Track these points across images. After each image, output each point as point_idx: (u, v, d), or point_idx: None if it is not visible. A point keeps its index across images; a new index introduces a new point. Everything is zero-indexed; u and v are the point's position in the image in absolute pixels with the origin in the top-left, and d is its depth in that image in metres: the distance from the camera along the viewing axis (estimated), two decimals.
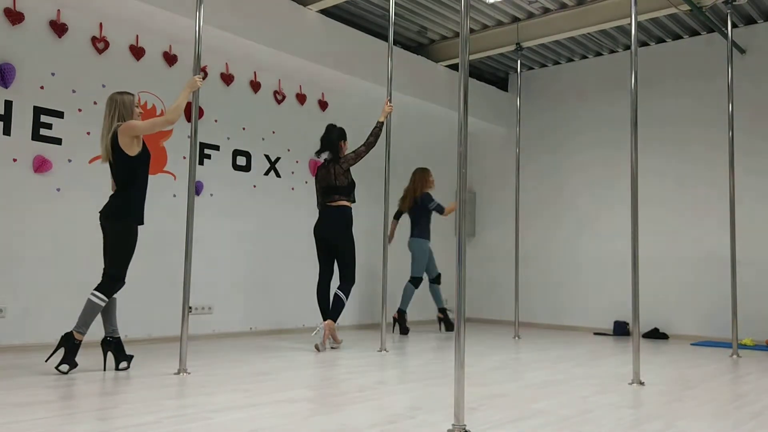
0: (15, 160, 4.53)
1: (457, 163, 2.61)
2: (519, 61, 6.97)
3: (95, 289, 3.68)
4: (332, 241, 5.10)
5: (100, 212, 3.79)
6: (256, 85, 6.08)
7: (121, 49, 5.16)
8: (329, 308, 5.04)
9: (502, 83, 8.56)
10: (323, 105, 6.70)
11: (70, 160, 4.80)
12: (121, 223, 3.75)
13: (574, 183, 7.71)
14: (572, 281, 7.59)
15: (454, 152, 7.93)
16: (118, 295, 3.89)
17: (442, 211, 6.51)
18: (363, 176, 6.60)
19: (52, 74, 4.74)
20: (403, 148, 7.51)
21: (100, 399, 2.96)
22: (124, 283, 3.78)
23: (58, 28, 4.77)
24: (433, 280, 6.69)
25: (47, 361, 3.69)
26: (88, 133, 4.86)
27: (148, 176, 3.91)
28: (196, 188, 5.51)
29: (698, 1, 5.65)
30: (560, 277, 7.69)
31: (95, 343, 4.07)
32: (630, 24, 4.17)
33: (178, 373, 3.66)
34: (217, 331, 5.66)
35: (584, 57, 7.78)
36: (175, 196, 5.42)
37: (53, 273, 4.67)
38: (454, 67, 7.53)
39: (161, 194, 5.31)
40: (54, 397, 2.97)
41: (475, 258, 8.31)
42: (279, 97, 6.28)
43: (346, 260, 5.10)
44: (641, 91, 6.93)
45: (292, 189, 6.36)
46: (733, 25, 6.51)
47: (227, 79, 5.84)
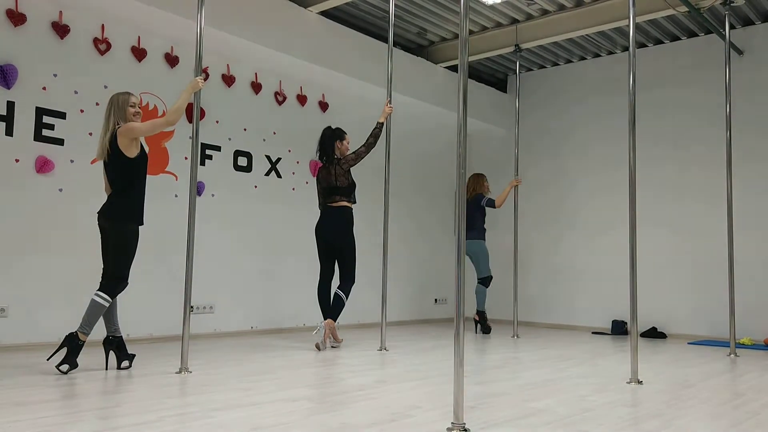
0: (17, 161, 4.55)
1: (456, 163, 2.64)
2: (518, 63, 6.99)
3: (99, 290, 3.71)
4: (333, 241, 5.12)
5: (99, 212, 3.82)
6: (257, 86, 6.11)
7: (123, 51, 5.18)
8: (329, 307, 5.07)
9: (501, 84, 8.59)
10: (324, 106, 6.72)
11: (72, 161, 4.83)
12: (123, 225, 3.77)
13: (573, 183, 7.73)
14: (570, 281, 7.62)
15: (454, 153, 7.96)
16: (119, 295, 3.91)
17: (493, 204, 6.65)
18: (363, 177, 6.62)
19: (54, 75, 4.77)
20: (403, 149, 7.54)
21: (101, 398, 2.98)
22: (127, 283, 3.81)
23: (60, 30, 4.80)
24: (481, 281, 6.74)
25: (49, 360, 3.71)
26: (90, 134, 4.89)
27: (146, 177, 3.94)
28: (198, 189, 5.49)
29: (696, 3, 5.68)
30: (559, 277, 7.71)
31: (97, 343, 4.10)
32: (628, 25, 4.19)
33: (180, 372, 3.68)
34: (219, 331, 5.68)
35: (583, 58, 7.81)
36: (176, 196, 5.45)
37: (55, 273, 4.69)
38: (454, 69, 7.56)
39: (163, 195, 5.33)
40: (56, 396, 2.99)
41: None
42: (280, 98, 6.31)
43: (347, 260, 5.12)
44: (639, 93, 6.94)
45: (293, 189, 6.39)
46: (731, 27, 6.55)
47: (228, 80, 5.86)
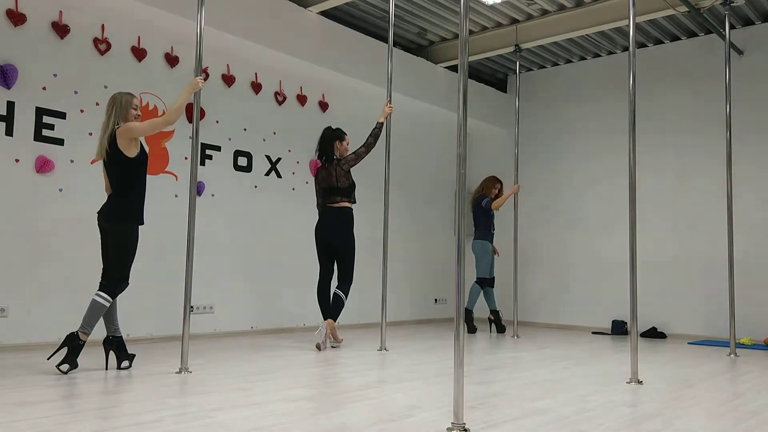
0: (17, 161, 4.55)
1: (456, 163, 2.64)
2: (518, 63, 6.99)
3: (99, 290, 3.71)
4: (333, 242, 5.12)
5: (99, 212, 3.82)
6: (257, 86, 6.11)
7: (123, 51, 5.18)
8: (329, 307, 5.07)
9: (501, 84, 8.59)
10: (324, 106, 6.72)
11: (72, 161, 4.83)
12: (124, 225, 3.78)
13: (573, 183, 7.73)
14: (571, 280, 7.62)
15: (454, 153, 7.96)
16: (120, 295, 3.91)
17: (490, 204, 6.66)
18: (363, 177, 6.62)
19: (54, 75, 4.77)
20: (403, 149, 7.55)
21: (101, 398, 2.99)
22: (128, 283, 3.81)
23: (60, 30, 4.80)
24: (477, 281, 6.73)
25: (49, 359, 3.71)
26: (90, 134, 4.88)
27: (146, 177, 3.94)
28: (198, 189, 5.48)
29: (696, 3, 5.68)
30: (559, 277, 7.72)
31: (97, 343, 4.10)
32: (628, 25, 4.19)
33: (180, 372, 3.68)
34: (219, 331, 5.68)
35: (583, 58, 7.81)
36: (176, 196, 5.45)
37: (55, 273, 4.69)
38: (454, 69, 7.56)
39: (163, 195, 5.33)
40: (56, 396, 2.99)
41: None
42: (280, 98, 6.31)
43: (347, 260, 5.12)
44: (639, 93, 6.92)
45: (293, 189, 6.39)
46: (731, 27, 6.55)
47: (228, 80, 5.86)
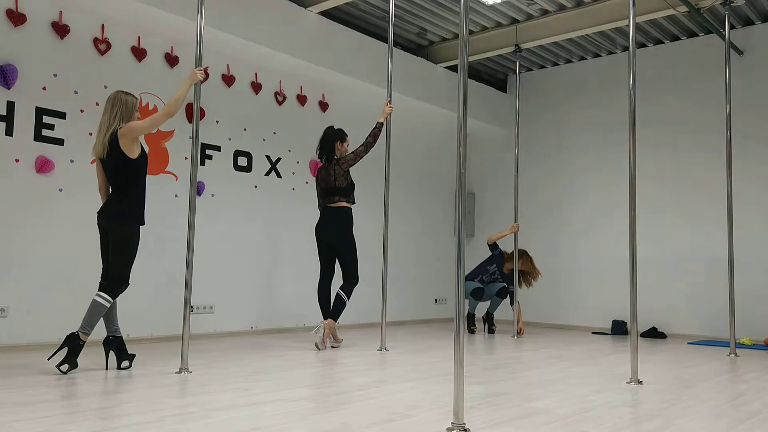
0: (17, 161, 4.55)
1: (456, 163, 2.64)
2: (518, 63, 6.99)
3: (100, 291, 3.71)
4: (333, 242, 5.12)
5: (99, 213, 3.81)
6: (257, 86, 6.11)
7: (123, 51, 5.18)
8: (329, 307, 5.07)
9: (501, 84, 8.59)
10: (324, 106, 6.72)
11: (72, 161, 4.83)
12: (125, 226, 3.77)
13: (573, 183, 7.74)
14: (571, 281, 7.62)
15: (453, 153, 7.97)
16: (120, 295, 3.91)
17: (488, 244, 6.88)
18: (363, 177, 6.63)
19: (54, 75, 4.77)
20: (403, 149, 7.55)
21: (101, 398, 2.98)
22: (128, 284, 3.81)
23: (60, 30, 4.80)
24: (498, 294, 6.72)
25: (49, 360, 3.71)
26: (90, 134, 4.88)
27: (146, 177, 3.94)
28: (198, 189, 5.49)
29: (696, 3, 5.68)
30: (559, 277, 7.72)
31: (97, 343, 4.10)
32: (628, 25, 4.19)
33: (180, 372, 3.68)
34: (219, 331, 5.68)
35: (583, 58, 7.81)
36: (176, 196, 5.45)
37: (55, 273, 4.69)
38: (454, 69, 7.56)
39: (163, 194, 5.33)
40: (56, 396, 2.99)
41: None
42: (280, 98, 6.31)
43: (348, 261, 5.12)
44: (639, 93, 6.94)
45: (293, 189, 6.39)
46: (731, 27, 6.55)
47: (228, 80, 5.86)
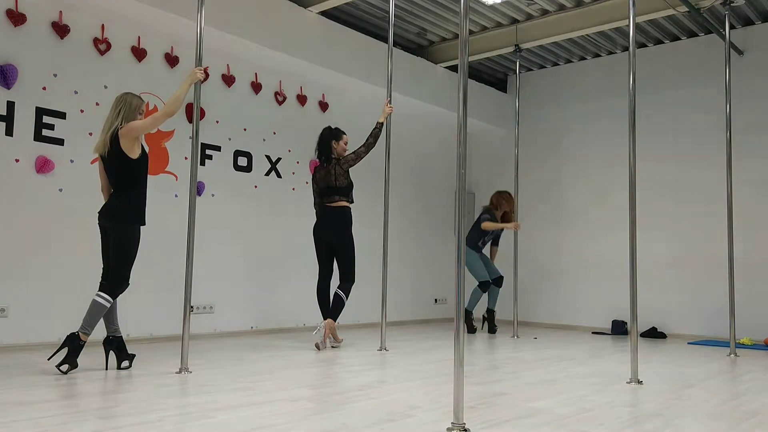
0: (17, 161, 4.56)
1: (456, 163, 2.64)
2: (518, 63, 6.99)
3: (100, 291, 3.71)
4: (332, 241, 5.12)
5: (100, 213, 3.82)
6: (257, 86, 6.11)
7: (123, 51, 5.18)
8: (329, 307, 5.07)
9: (501, 84, 8.59)
10: (324, 106, 6.72)
11: (72, 161, 4.83)
12: (125, 225, 3.78)
13: (573, 183, 7.73)
14: (571, 280, 7.62)
15: (453, 153, 7.96)
16: (120, 295, 3.91)
17: (486, 219, 6.70)
18: (363, 177, 6.63)
19: (54, 75, 4.77)
20: (403, 149, 7.55)
21: (101, 398, 2.99)
22: (128, 284, 3.81)
23: (60, 30, 4.80)
24: (494, 282, 6.77)
25: (49, 360, 3.71)
26: (90, 134, 4.89)
27: (147, 177, 3.94)
28: (198, 188, 5.49)
29: (696, 3, 5.68)
30: (559, 277, 7.71)
31: (97, 343, 4.10)
32: (628, 25, 4.19)
33: (180, 372, 3.68)
34: (219, 331, 5.68)
35: (583, 58, 7.81)
36: (176, 196, 5.45)
37: (55, 273, 4.69)
38: (454, 69, 7.56)
39: (163, 194, 5.33)
40: (56, 396, 2.99)
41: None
42: (280, 98, 6.31)
43: (347, 260, 5.12)
44: (639, 93, 6.94)
45: (293, 189, 6.39)
46: (731, 27, 6.55)
47: (228, 80, 5.86)
